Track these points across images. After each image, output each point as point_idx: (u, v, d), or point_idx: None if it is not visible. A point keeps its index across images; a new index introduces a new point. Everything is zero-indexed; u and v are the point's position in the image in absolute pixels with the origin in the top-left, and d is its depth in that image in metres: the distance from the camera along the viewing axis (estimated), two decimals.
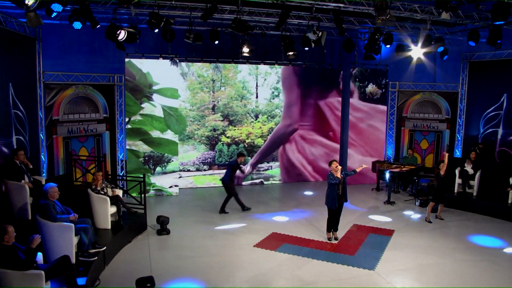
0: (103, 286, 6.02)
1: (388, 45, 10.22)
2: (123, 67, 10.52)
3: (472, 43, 9.59)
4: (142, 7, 8.80)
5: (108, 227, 7.54)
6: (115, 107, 10.88)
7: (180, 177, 11.62)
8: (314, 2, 8.13)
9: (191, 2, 8.88)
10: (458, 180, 10.33)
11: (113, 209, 7.68)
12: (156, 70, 10.71)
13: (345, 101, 12.91)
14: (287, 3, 8.07)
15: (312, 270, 6.64)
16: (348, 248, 7.52)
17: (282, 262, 6.93)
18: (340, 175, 7.58)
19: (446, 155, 9.16)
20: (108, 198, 7.54)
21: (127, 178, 10.00)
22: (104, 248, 6.56)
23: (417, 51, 10.19)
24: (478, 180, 10.14)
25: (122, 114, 10.96)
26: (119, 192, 8.12)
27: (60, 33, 9.81)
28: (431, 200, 9.15)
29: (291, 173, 12.86)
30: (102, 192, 7.67)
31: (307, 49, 10.38)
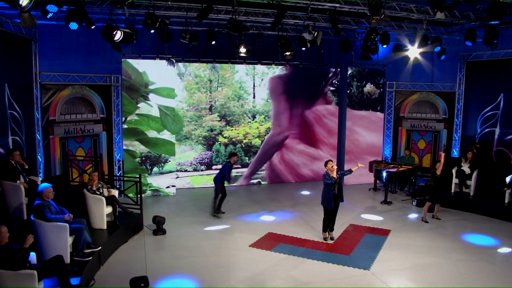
0: (98, 286, 6.03)
1: (385, 45, 10.22)
2: (120, 68, 10.53)
3: (469, 43, 9.58)
4: (138, 8, 8.81)
5: (104, 227, 7.55)
6: (112, 108, 10.88)
7: (177, 178, 11.62)
8: (310, 2, 8.14)
9: (187, 3, 8.90)
10: (455, 180, 10.34)
11: (109, 209, 7.69)
12: (153, 71, 10.71)
13: (342, 102, 12.93)
14: (282, 3, 8.08)
15: (307, 270, 6.64)
16: (344, 248, 7.52)
17: (278, 262, 6.93)
18: (336, 175, 7.58)
19: (443, 155, 9.16)
20: (104, 198, 7.54)
21: (121, 179, 10.00)
22: (99, 248, 6.57)
23: (414, 51, 10.20)
24: (475, 180, 10.14)
25: (119, 115, 10.96)
26: (115, 192, 8.13)
27: (57, 34, 9.80)
28: (428, 200, 9.15)
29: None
30: (98, 193, 7.68)
31: (304, 49, 10.40)
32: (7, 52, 8.09)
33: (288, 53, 10.60)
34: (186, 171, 11.88)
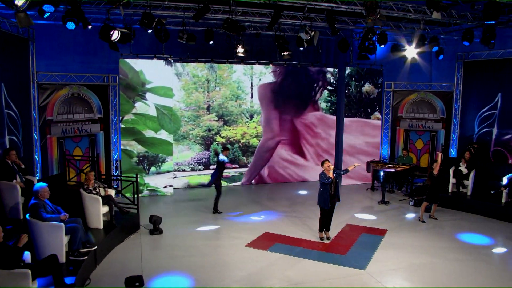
0: (93, 286, 6.03)
1: (382, 45, 10.22)
2: (118, 68, 10.53)
3: (467, 43, 9.57)
4: (136, 8, 8.81)
5: (100, 227, 7.54)
6: (110, 107, 10.88)
7: (175, 177, 11.62)
8: (306, 2, 8.13)
9: (185, 3, 8.91)
10: (452, 180, 10.34)
11: (105, 209, 7.69)
12: (150, 70, 10.71)
13: (340, 102, 12.94)
14: (279, 3, 8.08)
15: (303, 270, 6.64)
16: (340, 248, 7.52)
17: (274, 262, 6.93)
18: (333, 175, 7.58)
19: (440, 155, 9.17)
20: (100, 198, 7.54)
21: (118, 178, 10.00)
22: (95, 248, 6.56)
23: (412, 51, 10.20)
24: (472, 180, 10.14)
25: (117, 114, 10.96)
26: (112, 192, 8.13)
27: (55, 34, 9.80)
28: (425, 200, 9.15)
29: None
30: (94, 192, 7.68)
31: (302, 49, 10.39)
32: (4, 52, 8.09)
33: (286, 53, 10.61)
34: (184, 171, 11.88)
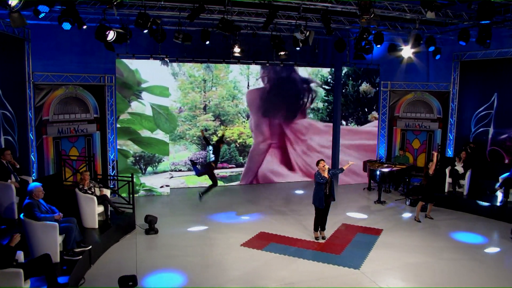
0: (87, 286, 6.03)
1: (379, 45, 10.22)
2: (114, 68, 10.53)
3: (463, 43, 9.56)
4: (132, 8, 8.81)
5: (96, 227, 7.56)
6: (106, 107, 10.88)
7: (172, 177, 11.62)
8: (301, 2, 8.15)
9: (180, 3, 8.91)
10: (449, 180, 10.34)
11: (100, 209, 7.70)
12: (147, 70, 10.71)
13: (337, 102, 12.96)
14: (274, 3, 8.08)
15: (297, 269, 6.65)
16: (335, 247, 7.52)
17: (268, 261, 6.94)
18: (328, 175, 7.59)
19: (435, 154, 9.17)
20: (95, 198, 7.55)
21: (115, 178, 10.00)
22: (90, 247, 6.57)
23: (408, 51, 10.19)
24: (469, 180, 10.15)
25: (113, 114, 10.96)
26: (107, 192, 8.13)
27: (52, 34, 9.79)
28: (420, 200, 9.16)
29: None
30: (90, 192, 7.69)
31: (299, 49, 10.39)
32: None
33: (283, 53, 10.62)
34: (181, 171, 11.88)
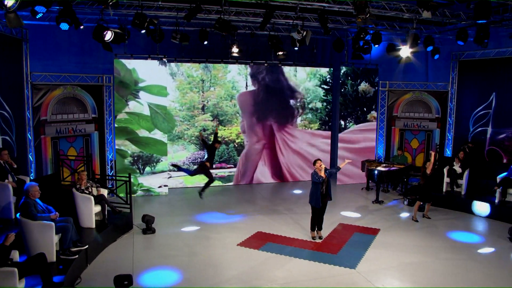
0: (83, 286, 6.05)
1: (377, 45, 10.22)
2: (112, 68, 10.55)
3: (461, 43, 9.56)
4: (130, 8, 8.83)
5: (93, 226, 7.57)
6: (104, 107, 10.90)
7: (170, 177, 11.63)
8: (298, 2, 8.15)
9: (178, 3, 8.93)
10: (446, 179, 10.33)
11: (98, 208, 7.71)
12: (145, 71, 10.72)
13: (335, 102, 12.95)
14: (271, 3, 8.09)
15: (293, 269, 6.65)
16: (331, 247, 7.53)
17: (264, 261, 6.94)
18: (324, 174, 7.59)
19: (433, 154, 9.17)
20: (92, 197, 7.57)
21: (113, 178, 10.02)
22: (86, 247, 6.59)
23: (406, 51, 10.17)
24: (466, 179, 10.14)
25: (111, 114, 10.99)
26: (104, 192, 8.15)
27: (51, 34, 9.83)
28: (418, 199, 9.16)
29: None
30: (87, 192, 7.71)
31: (297, 49, 10.40)
32: None
33: (281, 53, 10.64)
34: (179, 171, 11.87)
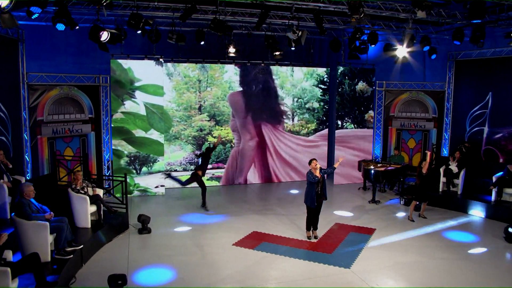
0: (78, 286, 6.05)
1: (373, 45, 10.22)
2: (109, 68, 10.56)
3: (457, 42, 9.59)
4: (126, 8, 8.84)
5: (88, 226, 7.58)
6: (101, 108, 10.91)
7: (167, 177, 11.64)
8: (294, 2, 8.16)
9: (174, 3, 8.94)
10: (443, 179, 10.34)
11: (93, 208, 7.72)
12: (141, 71, 10.73)
13: (332, 102, 12.96)
14: (266, 3, 8.11)
15: (288, 269, 6.66)
16: (327, 247, 7.53)
17: (259, 261, 6.95)
18: (319, 174, 7.60)
19: (428, 154, 9.17)
20: (88, 197, 7.57)
21: (109, 178, 10.03)
22: (81, 247, 6.59)
23: (402, 50, 10.19)
24: (463, 179, 10.15)
25: (108, 115, 11.00)
26: (100, 192, 8.16)
27: (47, 35, 9.84)
28: (414, 199, 9.17)
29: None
30: (82, 192, 7.71)
31: (294, 49, 10.41)
32: None
33: (278, 53, 10.65)
34: (176, 171, 11.90)
